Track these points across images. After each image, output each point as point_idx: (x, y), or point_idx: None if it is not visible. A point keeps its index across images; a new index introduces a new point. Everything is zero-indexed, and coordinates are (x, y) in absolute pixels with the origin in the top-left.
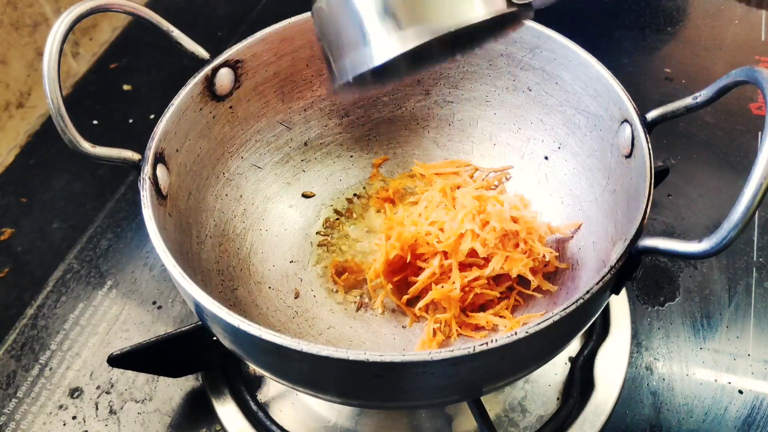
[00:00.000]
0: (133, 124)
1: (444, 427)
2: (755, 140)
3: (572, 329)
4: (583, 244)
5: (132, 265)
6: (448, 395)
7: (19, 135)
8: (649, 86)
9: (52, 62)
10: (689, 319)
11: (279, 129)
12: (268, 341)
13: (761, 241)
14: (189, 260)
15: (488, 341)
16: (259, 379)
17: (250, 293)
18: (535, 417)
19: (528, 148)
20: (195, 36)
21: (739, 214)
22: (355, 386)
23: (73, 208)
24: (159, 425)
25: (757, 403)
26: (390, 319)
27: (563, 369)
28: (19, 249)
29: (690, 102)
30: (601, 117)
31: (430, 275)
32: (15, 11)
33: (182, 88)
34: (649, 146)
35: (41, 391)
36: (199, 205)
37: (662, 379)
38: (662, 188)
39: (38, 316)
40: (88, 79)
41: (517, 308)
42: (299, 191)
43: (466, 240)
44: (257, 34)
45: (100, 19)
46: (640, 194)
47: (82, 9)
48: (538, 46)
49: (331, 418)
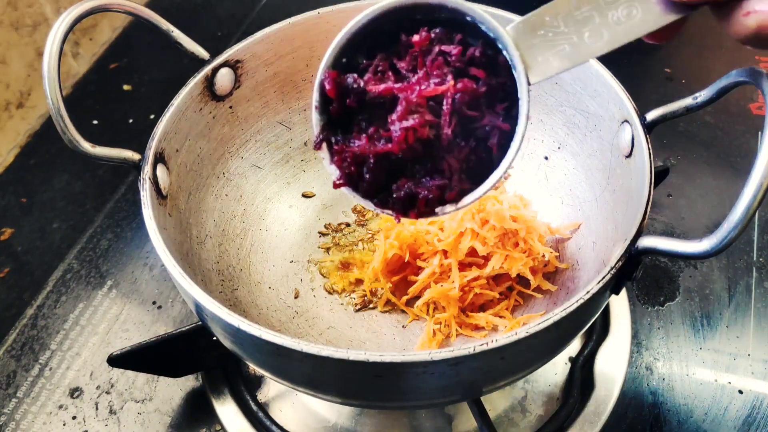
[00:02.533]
0: (133, 124)
1: (444, 427)
2: (755, 140)
3: (572, 329)
4: (583, 244)
5: (132, 265)
6: (448, 395)
7: (19, 135)
8: (649, 86)
9: (52, 62)
10: (689, 319)
11: (279, 129)
12: (268, 341)
13: (761, 241)
14: (189, 260)
15: (488, 341)
16: (259, 379)
17: (250, 293)
18: (535, 417)
19: (528, 148)
20: (195, 36)
21: (739, 214)
22: (355, 386)
23: (73, 208)
24: (159, 425)
25: (757, 403)
26: (390, 319)
27: (563, 369)
28: (19, 249)
29: (690, 102)
30: (601, 117)
31: (429, 274)
32: (15, 11)
33: (182, 88)
34: (649, 146)
35: (41, 391)
36: (199, 205)
37: (662, 379)
38: (662, 188)
39: (38, 316)
40: (88, 79)
41: (517, 308)
42: (299, 191)
43: (466, 239)
44: (257, 34)
45: (100, 19)
46: (640, 194)
47: (82, 9)
48: None
49: (331, 418)
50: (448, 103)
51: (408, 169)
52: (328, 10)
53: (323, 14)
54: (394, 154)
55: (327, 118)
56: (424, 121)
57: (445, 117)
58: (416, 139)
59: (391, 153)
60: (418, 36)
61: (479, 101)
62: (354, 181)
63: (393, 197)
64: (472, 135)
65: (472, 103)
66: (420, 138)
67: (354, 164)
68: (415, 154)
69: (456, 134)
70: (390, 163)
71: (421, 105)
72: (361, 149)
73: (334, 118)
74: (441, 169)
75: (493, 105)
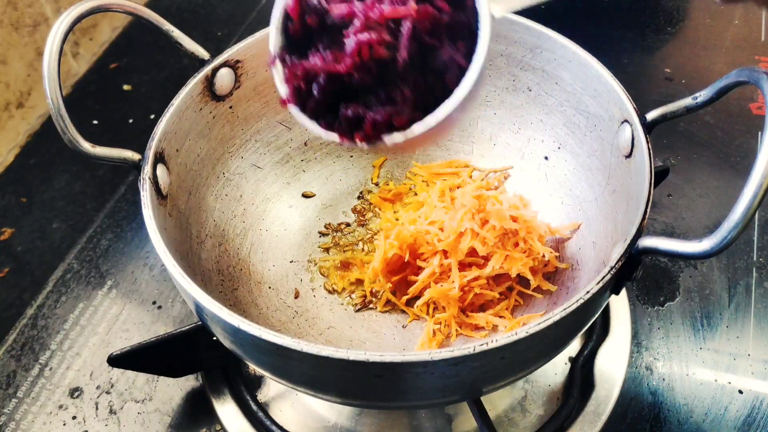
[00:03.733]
0: (133, 124)
1: (444, 427)
2: (755, 140)
3: (572, 329)
4: (583, 244)
5: (132, 265)
6: (448, 395)
7: (19, 135)
8: (649, 86)
9: (52, 62)
10: (689, 319)
11: (279, 129)
12: (268, 341)
13: (761, 241)
14: (189, 260)
15: (488, 341)
16: (259, 379)
17: (250, 293)
18: (535, 417)
19: (528, 148)
20: (195, 36)
21: (739, 214)
22: (355, 386)
23: (73, 208)
24: (159, 425)
25: (757, 403)
26: (390, 319)
27: (563, 369)
28: (19, 249)
29: (690, 102)
30: (601, 117)
31: (429, 274)
32: (15, 11)
33: (182, 88)
34: (649, 146)
35: (41, 391)
36: (199, 205)
37: (662, 379)
38: (662, 188)
39: (38, 316)
40: (88, 79)
41: (517, 308)
42: (299, 191)
43: (466, 238)
44: (257, 34)
45: (100, 19)
46: (640, 194)
47: (82, 9)
48: (538, 46)
49: (331, 418)
50: (407, 26)
51: (360, 96)
52: None
53: None
54: (347, 73)
55: (286, 41)
56: (380, 39)
57: (404, 40)
58: (370, 57)
59: (343, 73)
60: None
61: (440, 31)
62: (303, 99)
63: (340, 119)
64: (429, 65)
65: (432, 31)
66: (375, 57)
67: (304, 81)
68: (368, 75)
69: (412, 60)
70: (342, 85)
71: (380, 23)
72: (312, 65)
73: (294, 40)
74: (394, 99)
75: (454, 41)
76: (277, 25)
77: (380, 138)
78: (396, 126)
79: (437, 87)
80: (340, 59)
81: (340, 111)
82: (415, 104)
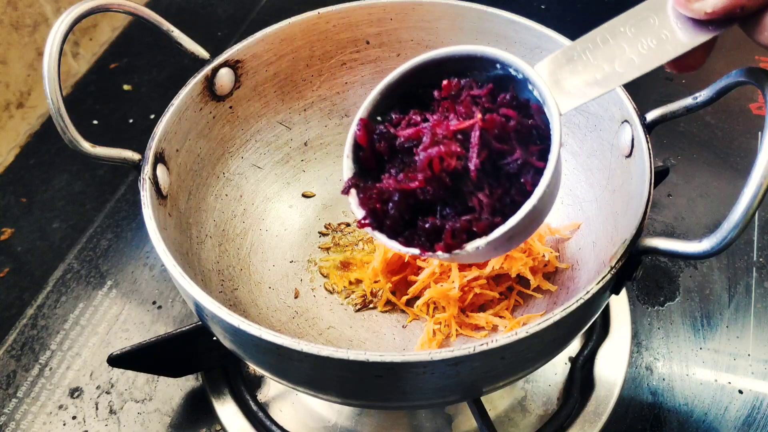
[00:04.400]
0: (133, 124)
1: (444, 427)
2: (755, 140)
3: (572, 329)
4: (583, 244)
5: (132, 265)
6: (448, 395)
7: (19, 135)
8: (649, 86)
9: (52, 62)
10: (689, 319)
11: (279, 129)
12: (268, 341)
13: (761, 241)
14: (189, 260)
15: (488, 341)
16: (259, 379)
17: (250, 293)
18: (535, 417)
19: None
20: (195, 36)
21: (739, 214)
22: (355, 386)
23: (73, 208)
24: (159, 425)
25: (757, 403)
26: (390, 319)
27: (563, 369)
28: (19, 249)
29: (690, 102)
30: (601, 117)
31: (429, 274)
32: (15, 11)
33: (182, 88)
34: (649, 146)
35: (41, 391)
36: (199, 205)
37: (662, 379)
38: (662, 188)
39: (38, 316)
40: (88, 79)
41: (517, 308)
42: (299, 191)
43: None
44: (257, 34)
45: (100, 19)
46: (640, 194)
47: (82, 9)
48: (538, 46)
49: (331, 418)
50: (476, 134)
51: (437, 209)
52: (328, 10)
53: (323, 14)
54: (420, 190)
55: (358, 168)
56: (450, 150)
57: (473, 148)
58: (442, 170)
59: (416, 190)
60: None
61: (509, 135)
62: (379, 219)
63: (418, 233)
64: (503, 171)
65: (501, 136)
66: (447, 170)
67: (379, 200)
68: (442, 190)
69: (485, 168)
70: (416, 201)
71: (448, 136)
72: (386, 186)
73: (365, 168)
74: (471, 207)
75: (526, 146)
76: (348, 154)
77: (461, 246)
78: (477, 232)
79: (515, 191)
80: (412, 178)
81: (418, 225)
82: (493, 210)
